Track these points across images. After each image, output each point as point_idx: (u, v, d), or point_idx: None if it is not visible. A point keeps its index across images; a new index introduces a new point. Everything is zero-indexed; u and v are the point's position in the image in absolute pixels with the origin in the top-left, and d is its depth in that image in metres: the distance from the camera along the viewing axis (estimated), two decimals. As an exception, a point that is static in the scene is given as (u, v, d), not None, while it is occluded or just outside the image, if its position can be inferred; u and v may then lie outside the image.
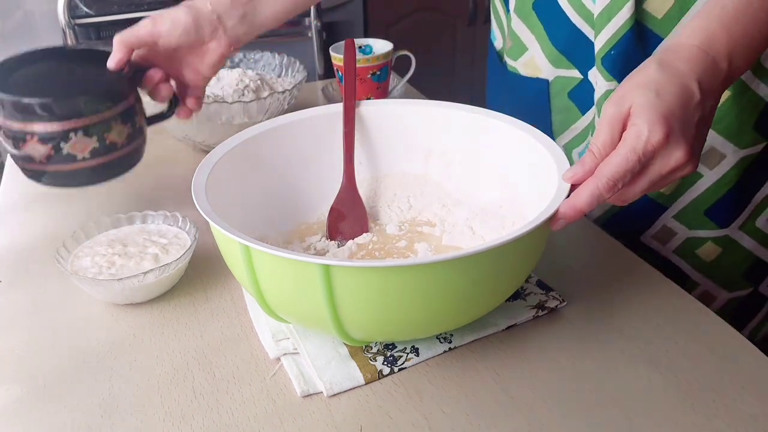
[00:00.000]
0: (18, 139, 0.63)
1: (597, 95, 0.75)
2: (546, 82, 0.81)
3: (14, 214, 0.82)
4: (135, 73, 0.68)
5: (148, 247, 0.66)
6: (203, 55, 0.69)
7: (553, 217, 0.51)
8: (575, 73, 0.78)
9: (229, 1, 0.68)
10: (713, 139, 0.71)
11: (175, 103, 0.72)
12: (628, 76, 0.53)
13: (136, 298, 0.63)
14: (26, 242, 0.76)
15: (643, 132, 0.49)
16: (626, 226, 0.79)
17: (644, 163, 0.50)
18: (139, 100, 0.69)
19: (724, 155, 0.72)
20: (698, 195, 0.75)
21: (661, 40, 0.69)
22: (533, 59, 0.82)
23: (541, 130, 0.62)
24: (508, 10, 0.84)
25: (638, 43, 0.70)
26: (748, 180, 0.74)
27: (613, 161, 0.50)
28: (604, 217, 0.81)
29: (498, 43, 0.92)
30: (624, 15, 0.68)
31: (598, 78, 0.74)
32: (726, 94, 0.69)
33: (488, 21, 2.28)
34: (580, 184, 0.52)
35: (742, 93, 0.69)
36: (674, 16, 0.68)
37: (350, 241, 0.65)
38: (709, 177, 0.74)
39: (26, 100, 0.61)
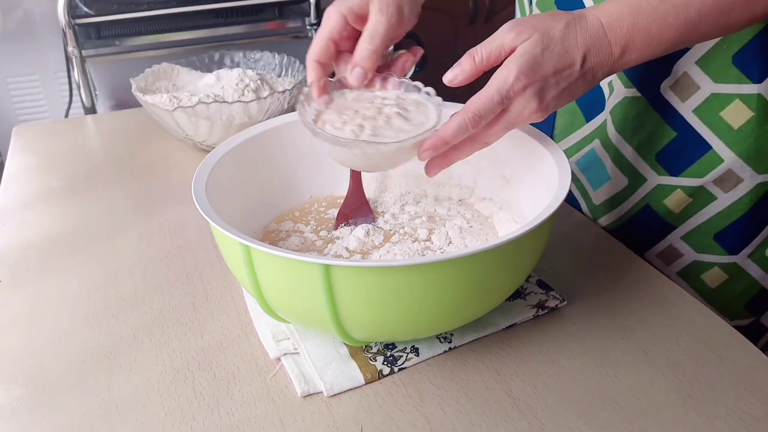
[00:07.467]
0: None
1: (612, 101, 0.73)
2: None
3: (14, 214, 0.82)
4: None
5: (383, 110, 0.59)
6: None
7: (422, 147, 0.56)
8: None
9: None
10: (732, 161, 0.68)
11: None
12: (549, 12, 0.56)
13: (382, 165, 0.59)
14: (26, 242, 0.76)
15: (509, 79, 0.52)
16: (631, 239, 0.76)
17: (505, 106, 0.54)
18: None
19: (741, 179, 0.69)
20: (709, 218, 0.73)
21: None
22: None
23: (544, 133, 0.62)
24: (531, 1, 0.82)
25: None
26: (763, 207, 0.71)
27: (480, 98, 0.53)
28: (610, 227, 0.79)
29: None
30: None
31: (616, 83, 0.71)
32: (749, 115, 0.66)
33: (489, 21, 2.28)
34: (460, 85, 0.55)
35: (766, 117, 0.67)
36: None
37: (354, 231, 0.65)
38: (723, 200, 0.71)
39: None
